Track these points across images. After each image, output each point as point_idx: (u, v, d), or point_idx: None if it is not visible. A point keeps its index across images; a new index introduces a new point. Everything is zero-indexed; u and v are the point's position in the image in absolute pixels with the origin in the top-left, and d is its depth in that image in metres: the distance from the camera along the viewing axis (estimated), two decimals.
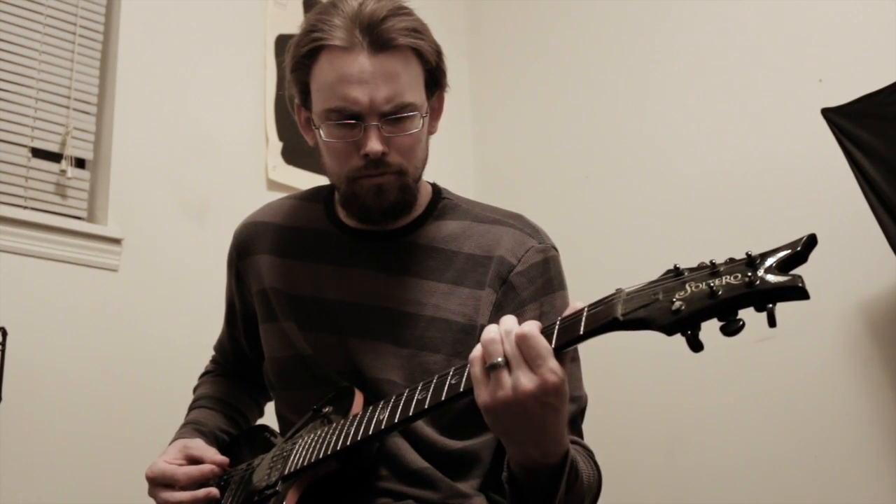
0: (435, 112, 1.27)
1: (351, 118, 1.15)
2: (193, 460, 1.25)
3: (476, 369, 0.88)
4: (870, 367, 2.24)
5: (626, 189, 2.86)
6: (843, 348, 2.29)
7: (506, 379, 0.86)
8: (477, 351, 0.89)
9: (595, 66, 3.04)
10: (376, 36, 1.14)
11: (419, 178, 1.25)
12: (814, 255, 0.73)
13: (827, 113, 2.16)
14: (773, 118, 2.52)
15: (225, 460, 1.25)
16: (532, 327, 0.87)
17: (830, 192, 2.30)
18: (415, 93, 1.18)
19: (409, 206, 1.24)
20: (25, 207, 2.31)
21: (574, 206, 2.98)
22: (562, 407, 0.88)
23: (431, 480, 1.16)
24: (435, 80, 1.23)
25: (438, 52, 1.22)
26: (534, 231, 1.27)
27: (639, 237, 2.75)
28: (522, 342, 0.86)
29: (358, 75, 1.13)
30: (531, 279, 1.20)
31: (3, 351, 2.01)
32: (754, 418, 2.40)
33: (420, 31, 1.18)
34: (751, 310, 0.74)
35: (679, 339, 0.77)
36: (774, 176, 2.47)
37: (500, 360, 0.87)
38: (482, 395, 0.88)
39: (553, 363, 0.85)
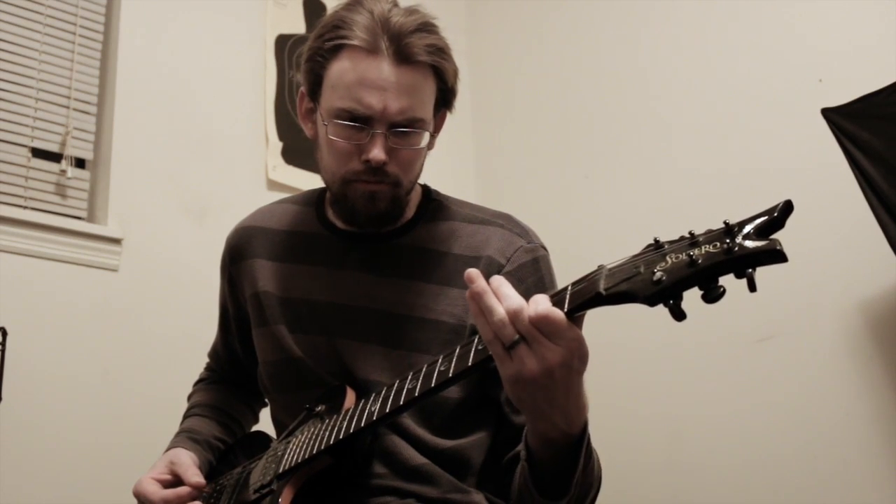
0: (436, 129, 1.28)
1: (360, 121, 1.16)
2: (178, 476, 1.25)
3: (497, 348, 0.87)
4: (870, 366, 2.24)
5: (626, 189, 2.86)
6: (843, 348, 2.28)
7: (529, 354, 0.85)
8: (489, 333, 0.88)
9: (595, 66, 3.05)
10: (402, 48, 1.14)
11: (410, 191, 1.25)
12: (814, 256, 0.73)
13: (827, 113, 2.16)
14: (773, 118, 2.51)
15: (202, 483, 1.23)
16: (545, 305, 0.85)
17: (830, 192, 2.30)
18: (426, 110, 1.19)
19: (396, 217, 1.25)
20: (25, 207, 2.31)
21: (574, 206, 2.98)
22: (584, 369, 0.88)
23: (432, 476, 1.16)
24: (445, 99, 1.24)
25: (456, 74, 1.23)
26: (522, 231, 1.27)
27: (638, 237, 2.72)
28: (540, 323, 0.84)
29: (377, 81, 1.14)
30: (520, 279, 1.19)
31: (3, 351, 2.01)
32: (754, 418, 2.40)
33: (444, 50, 1.19)
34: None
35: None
36: (774, 176, 2.46)
37: (516, 338, 0.86)
38: (508, 371, 0.87)
39: (572, 332, 0.85)
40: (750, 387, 2.42)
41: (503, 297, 0.87)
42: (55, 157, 2.40)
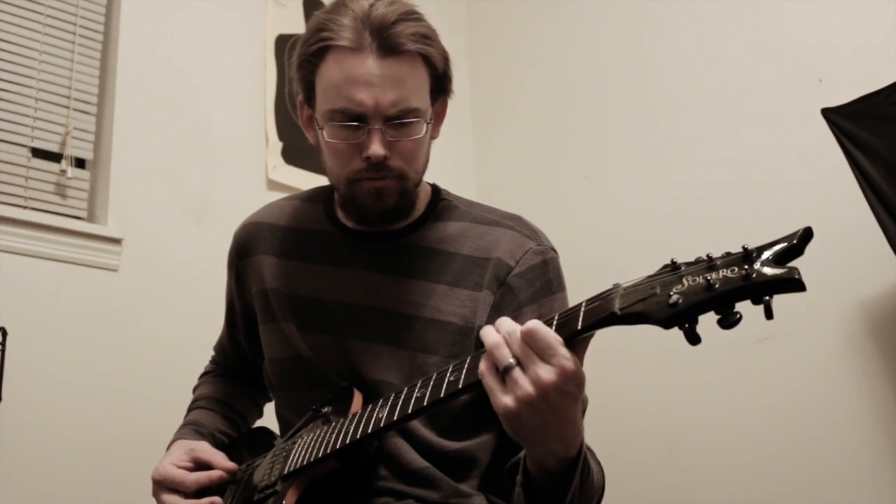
0: (438, 117, 1.27)
1: (355, 120, 1.15)
2: (200, 463, 1.25)
3: (489, 380, 0.87)
4: (870, 366, 2.24)
5: (626, 189, 2.86)
6: (843, 348, 2.28)
7: (523, 377, 0.85)
8: (484, 363, 0.88)
9: (595, 67, 3.04)
10: (385, 40, 1.13)
11: (419, 182, 1.24)
12: (814, 255, 0.73)
13: (827, 113, 2.16)
14: (773, 118, 2.51)
15: (234, 466, 1.24)
16: (535, 322, 0.86)
17: (830, 192, 2.30)
18: (420, 98, 1.18)
19: (407, 211, 1.24)
20: (25, 207, 2.31)
21: (574, 206, 2.98)
22: (579, 394, 0.87)
23: (432, 480, 1.16)
24: (440, 85, 1.23)
25: (446, 59, 1.21)
26: (532, 233, 1.26)
27: (639, 238, 2.75)
28: (529, 338, 0.84)
29: (365, 77, 1.13)
30: (529, 281, 1.19)
31: (3, 351, 2.01)
32: (754, 418, 2.40)
33: (429, 36, 1.18)
34: (749, 306, 0.74)
35: (678, 338, 0.77)
36: (774, 176, 2.47)
37: (511, 361, 0.85)
38: (503, 401, 0.85)
39: (564, 350, 0.84)
40: (750, 387, 2.42)
41: (500, 323, 0.89)
42: (55, 157, 2.40)
